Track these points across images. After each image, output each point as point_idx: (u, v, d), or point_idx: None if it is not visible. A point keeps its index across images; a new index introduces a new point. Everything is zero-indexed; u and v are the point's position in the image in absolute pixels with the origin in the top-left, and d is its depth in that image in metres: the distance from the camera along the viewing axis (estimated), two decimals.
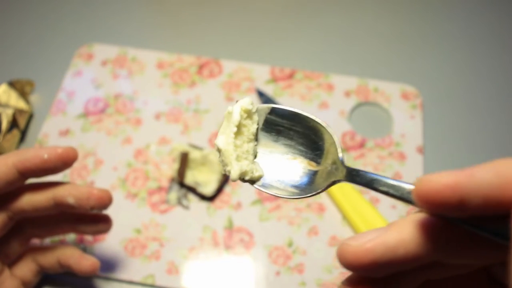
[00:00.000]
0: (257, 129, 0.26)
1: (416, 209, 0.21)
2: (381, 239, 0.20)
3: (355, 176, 0.23)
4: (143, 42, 0.62)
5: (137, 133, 0.55)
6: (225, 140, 0.25)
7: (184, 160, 0.50)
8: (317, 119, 0.25)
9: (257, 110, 0.26)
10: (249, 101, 0.25)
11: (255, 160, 0.26)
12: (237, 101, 0.25)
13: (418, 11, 0.66)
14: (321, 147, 0.25)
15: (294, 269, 0.47)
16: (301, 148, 0.25)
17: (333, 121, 0.55)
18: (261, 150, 0.26)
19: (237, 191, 0.51)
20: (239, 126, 0.25)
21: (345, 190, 0.49)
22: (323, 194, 0.51)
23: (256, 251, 0.47)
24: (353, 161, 0.52)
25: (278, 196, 0.25)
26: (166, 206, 0.50)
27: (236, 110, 0.25)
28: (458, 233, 0.20)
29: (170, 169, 0.52)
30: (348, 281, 0.22)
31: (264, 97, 0.56)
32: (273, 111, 0.26)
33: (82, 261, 0.41)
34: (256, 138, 0.26)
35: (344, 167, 0.24)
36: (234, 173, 0.24)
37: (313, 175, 0.25)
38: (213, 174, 0.49)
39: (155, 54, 0.60)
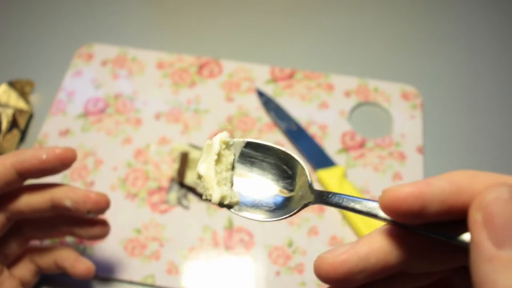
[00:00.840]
0: (234, 159, 0.28)
1: (382, 223, 0.23)
2: (354, 250, 0.22)
3: (324, 198, 0.25)
4: (143, 42, 0.62)
5: (137, 133, 0.55)
6: (206, 167, 0.27)
7: (184, 160, 0.50)
8: (287, 151, 0.27)
9: (233, 143, 0.28)
10: (227, 134, 0.28)
11: (232, 187, 0.28)
12: (216, 134, 0.28)
13: (418, 11, 0.66)
14: (292, 175, 0.27)
15: (294, 269, 0.47)
16: (273, 177, 0.28)
17: (333, 121, 0.55)
18: (237, 179, 0.28)
19: None
20: (219, 155, 0.27)
21: (345, 190, 0.49)
22: None
23: (256, 251, 0.47)
24: (353, 161, 0.53)
25: (253, 220, 0.27)
26: (166, 206, 0.50)
27: (216, 141, 0.27)
28: (421, 241, 0.22)
29: (170, 169, 0.52)
30: None
31: (264, 97, 0.56)
32: (248, 144, 0.28)
33: (76, 264, 0.40)
34: (232, 168, 0.28)
35: (313, 191, 0.26)
36: (215, 196, 0.26)
37: (286, 201, 0.27)
38: None
39: (155, 54, 0.60)
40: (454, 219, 0.20)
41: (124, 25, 0.64)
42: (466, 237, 0.20)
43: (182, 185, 0.51)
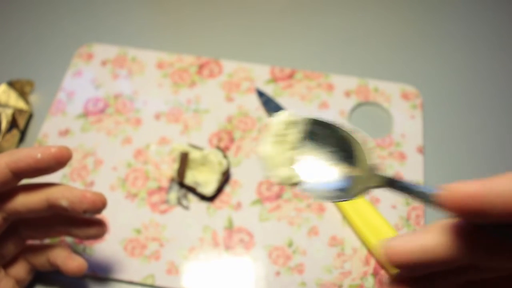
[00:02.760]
0: (300, 137, 0.28)
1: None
2: (420, 242, 0.22)
3: (394, 183, 0.25)
4: (143, 42, 0.62)
5: (137, 133, 0.55)
6: (267, 148, 0.28)
7: (184, 160, 0.50)
8: (353, 131, 0.27)
9: (299, 121, 0.29)
10: (288, 114, 0.28)
11: (295, 166, 0.28)
12: (278, 113, 0.28)
13: (418, 11, 0.66)
14: (354, 155, 0.27)
15: (294, 269, 0.47)
16: (340, 154, 0.28)
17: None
18: (303, 157, 0.28)
19: (237, 191, 0.51)
20: (281, 135, 0.28)
21: None
22: None
23: (256, 252, 0.47)
24: None
25: (317, 200, 0.27)
26: (166, 206, 0.50)
27: (275, 122, 0.28)
28: (490, 237, 0.21)
29: (170, 169, 0.52)
30: (393, 279, 0.25)
31: (264, 97, 0.56)
32: (314, 122, 0.29)
33: (69, 262, 0.40)
34: (299, 146, 0.29)
35: (378, 175, 0.26)
36: (276, 179, 0.27)
37: (350, 180, 0.27)
38: (213, 174, 0.49)
39: (155, 54, 0.60)
40: None
41: (124, 25, 0.64)
42: None
43: (182, 185, 0.51)
